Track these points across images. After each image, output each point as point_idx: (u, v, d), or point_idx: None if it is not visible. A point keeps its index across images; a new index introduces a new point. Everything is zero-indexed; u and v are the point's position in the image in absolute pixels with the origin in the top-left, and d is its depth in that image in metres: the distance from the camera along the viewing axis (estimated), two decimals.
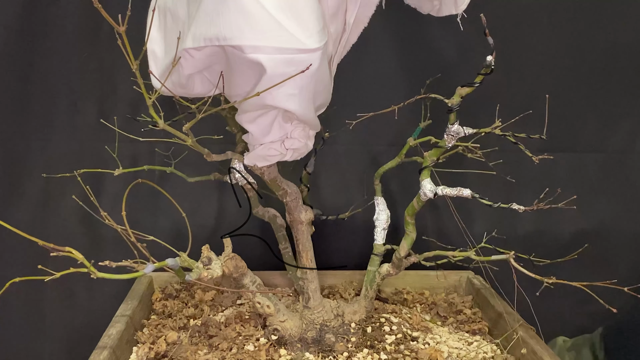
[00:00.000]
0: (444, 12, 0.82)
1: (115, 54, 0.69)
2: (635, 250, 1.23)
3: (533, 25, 1.17)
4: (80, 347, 1.20)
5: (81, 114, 1.17)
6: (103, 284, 0.71)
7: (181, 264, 0.71)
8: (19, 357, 1.23)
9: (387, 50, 1.18)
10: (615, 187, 1.23)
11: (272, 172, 0.82)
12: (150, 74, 0.72)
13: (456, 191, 0.81)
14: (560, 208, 0.80)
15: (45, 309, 1.22)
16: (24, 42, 1.14)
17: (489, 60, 0.77)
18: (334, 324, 0.86)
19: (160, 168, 1.02)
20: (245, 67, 0.65)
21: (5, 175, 1.18)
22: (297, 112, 0.67)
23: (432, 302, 1.04)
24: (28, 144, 1.18)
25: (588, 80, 1.20)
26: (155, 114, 0.68)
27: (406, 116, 0.88)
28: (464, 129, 0.81)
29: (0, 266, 1.18)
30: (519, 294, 0.88)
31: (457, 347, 0.87)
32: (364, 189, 1.21)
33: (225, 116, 0.91)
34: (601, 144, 1.22)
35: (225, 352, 0.81)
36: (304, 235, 0.87)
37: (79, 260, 0.61)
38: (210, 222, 1.23)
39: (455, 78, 0.84)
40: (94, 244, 1.20)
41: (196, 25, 0.64)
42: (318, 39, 0.63)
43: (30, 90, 1.16)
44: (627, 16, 1.17)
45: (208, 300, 1.00)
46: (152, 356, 0.81)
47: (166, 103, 0.75)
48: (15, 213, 1.18)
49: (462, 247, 0.87)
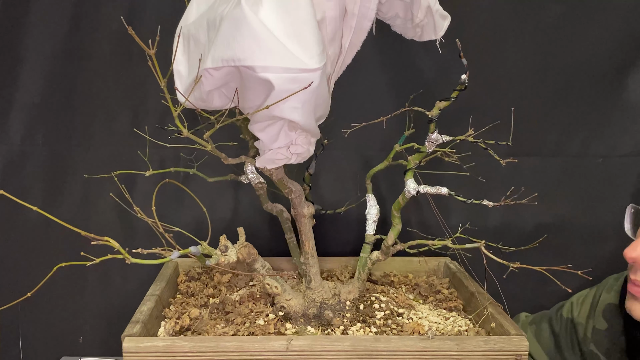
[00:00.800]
0: (425, 37, 0.82)
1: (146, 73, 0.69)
2: (587, 240, 1.23)
3: (501, 48, 1.17)
4: (116, 322, 1.19)
5: (117, 123, 1.17)
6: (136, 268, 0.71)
7: (202, 251, 0.71)
8: (65, 330, 1.23)
9: (377, 69, 1.18)
10: (571, 186, 1.23)
11: (279, 173, 0.82)
12: (176, 90, 0.72)
13: (435, 189, 0.81)
14: (523, 204, 0.80)
15: (87, 290, 1.23)
16: (70, 62, 1.14)
17: (463, 79, 0.77)
18: (331, 302, 0.86)
19: (184, 170, 1.02)
20: (256, 84, 0.65)
21: (52, 176, 1.19)
22: (301, 122, 0.67)
23: (415, 284, 1.04)
24: (72, 149, 1.18)
25: (548, 94, 1.20)
26: (180, 124, 0.68)
27: (393, 126, 0.88)
28: (442, 136, 0.81)
29: (49, 254, 1.19)
30: (489, 276, 0.88)
31: (436, 321, 0.87)
32: (357, 188, 1.21)
33: (239, 126, 0.91)
34: (560, 149, 1.22)
35: (240, 326, 0.81)
36: (306, 226, 0.87)
37: (116, 248, 0.62)
38: (227, 215, 1.23)
39: (434, 93, 0.85)
40: (128, 235, 1.20)
41: (215, 48, 0.64)
42: (318, 60, 0.63)
43: (74, 103, 1.16)
44: (583, 39, 1.17)
45: (225, 282, 1.00)
46: (178, 329, 0.81)
47: (189, 115, 0.75)
48: (60, 208, 1.19)
49: (440, 237, 0.87)
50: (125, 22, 0.64)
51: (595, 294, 0.98)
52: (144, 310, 0.82)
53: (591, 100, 1.20)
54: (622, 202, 1.08)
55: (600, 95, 1.20)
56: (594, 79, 1.19)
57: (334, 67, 0.75)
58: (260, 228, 1.22)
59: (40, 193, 1.18)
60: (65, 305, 1.22)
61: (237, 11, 0.62)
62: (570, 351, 0.99)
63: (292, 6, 0.63)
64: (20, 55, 1.13)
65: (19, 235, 1.19)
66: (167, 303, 0.93)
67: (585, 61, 1.18)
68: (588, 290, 1.01)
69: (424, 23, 0.80)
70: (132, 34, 0.59)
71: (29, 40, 1.13)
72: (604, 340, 0.92)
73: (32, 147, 1.17)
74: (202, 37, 0.69)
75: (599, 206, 1.23)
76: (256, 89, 0.66)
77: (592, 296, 0.99)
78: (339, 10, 0.68)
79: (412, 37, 0.84)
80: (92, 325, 1.23)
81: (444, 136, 0.81)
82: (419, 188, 0.82)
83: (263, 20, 0.61)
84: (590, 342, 0.94)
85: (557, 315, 1.04)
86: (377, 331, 0.82)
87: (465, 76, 0.77)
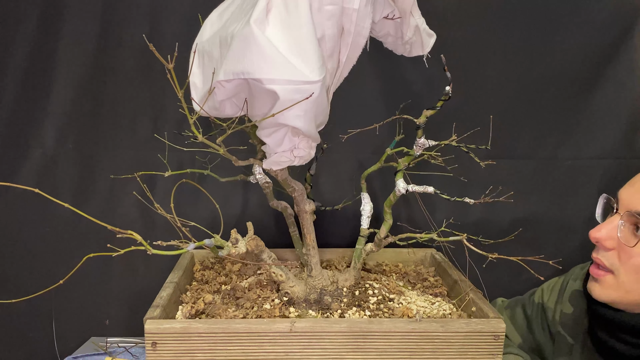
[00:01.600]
0: (414, 53, 0.82)
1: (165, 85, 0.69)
2: (557, 233, 1.23)
3: (480, 63, 1.17)
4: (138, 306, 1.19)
5: (139, 129, 1.17)
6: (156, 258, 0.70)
7: (215, 243, 0.71)
8: (93, 314, 1.23)
9: (371, 82, 1.18)
10: (543, 185, 1.23)
11: (283, 174, 0.82)
12: (192, 100, 0.72)
13: (422, 188, 0.81)
14: (501, 201, 0.80)
15: (112, 277, 1.22)
16: (98, 76, 1.14)
17: (447, 90, 0.77)
18: (330, 289, 0.86)
19: (199, 171, 1.01)
20: (263, 95, 0.65)
21: (82, 176, 1.18)
22: (303, 128, 0.67)
23: (405, 272, 1.04)
24: (99, 152, 1.18)
25: (522, 104, 1.20)
26: (196, 130, 0.68)
27: (385, 132, 0.88)
28: (429, 141, 0.81)
29: (79, 246, 1.18)
30: (470, 266, 0.88)
31: (423, 306, 0.87)
32: (353, 187, 1.20)
33: (248, 132, 0.91)
34: (533, 153, 1.22)
35: (248, 309, 0.81)
36: (307, 221, 0.87)
37: (138, 240, 0.62)
38: (237, 211, 1.22)
39: (422, 103, 0.85)
40: (149, 229, 1.20)
41: (226, 63, 0.64)
42: (318, 73, 0.63)
43: (101, 111, 1.16)
44: (553, 54, 1.17)
45: (235, 270, 1.00)
46: (193, 313, 0.81)
47: (204, 122, 0.75)
48: (89, 205, 1.18)
49: (427, 230, 0.87)
50: (147, 39, 0.64)
51: (563, 282, 0.98)
52: (164, 296, 0.82)
53: (560, 109, 1.20)
54: (588, 200, 1.09)
55: (568, 105, 1.20)
56: (563, 90, 1.19)
57: (332, 79, 0.75)
58: (266, 223, 1.22)
59: (70, 191, 1.18)
60: (93, 291, 1.21)
61: (246, 30, 0.62)
62: (541, 332, 0.99)
63: (295, 25, 0.63)
64: (54, 69, 1.13)
65: (52, 229, 1.19)
66: (184, 289, 0.93)
67: (555, 74, 1.18)
68: (557, 278, 1.01)
69: (413, 40, 0.80)
70: (153, 50, 0.59)
71: (61, 56, 1.12)
72: (570, 322, 0.92)
73: (64, 150, 1.17)
74: (215, 52, 0.69)
75: (568, 203, 1.23)
76: (263, 98, 0.66)
77: (561, 284, 0.99)
78: (337, 28, 0.68)
79: (402, 53, 0.84)
80: (117, 309, 1.23)
81: (430, 141, 0.81)
82: (408, 187, 0.82)
83: (269, 38, 0.61)
84: (558, 324, 0.94)
85: (530, 300, 1.04)
86: (370, 314, 0.82)
87: (449, 88, 0.78)
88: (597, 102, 1.19)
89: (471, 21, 1.15)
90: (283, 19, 0.63)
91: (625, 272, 0.76)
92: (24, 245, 1.19)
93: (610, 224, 0.77)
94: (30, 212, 1.18)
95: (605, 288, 0.79)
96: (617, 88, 1.18)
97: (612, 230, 0.77)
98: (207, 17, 0.75)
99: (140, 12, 1.11)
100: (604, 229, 0.78)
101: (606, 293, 0.79)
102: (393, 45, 0.82)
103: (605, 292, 0.79)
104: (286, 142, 0.72)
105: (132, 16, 1.11)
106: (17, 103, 1.14)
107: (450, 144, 0.81)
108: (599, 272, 0.79)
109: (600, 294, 0.79)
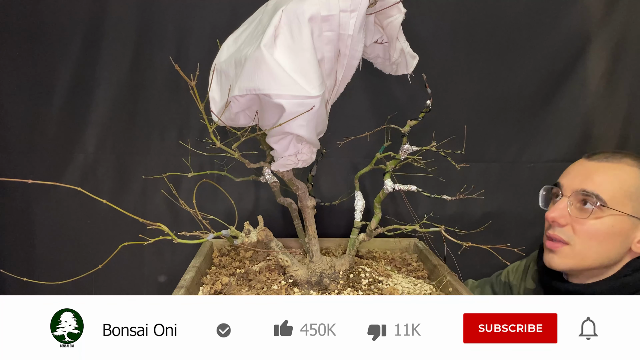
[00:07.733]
0: (400, 72, 0.82)
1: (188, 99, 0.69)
2: (520, 225, 1.23)
3: (455, 81, 1.17)
4: (166, 287, 1.20)
5: (167, 137, 1.17)
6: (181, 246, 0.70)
7: (231, 233, 0.71)
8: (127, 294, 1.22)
9: (363, 97, 1.18)
10: (509, 184, 1.23)
11: (289, 175, 0.82)
12: (211, 112, 0.72)
13: (407, 187, 0.81)
14: (473, 198, 0.80)
15: (144, 263, 1.22)
16: (132, 91, 1.14)
17: (428, 104, 0.77)
18: (328, 272, 0.86)
19: (217, 172, 1.01)
20: (272, 108, 0.65)
21: (118, 177, 1.18)
22: (305, 136, 0.67)
23: (392, 258, 1.04)
24: (133, 156, 1.18)
25: (491, 116, 1.20)
26: (214, 138, 0.68)
27: (375, 139, 0.88)
28: (412, 147, 0.81)
29: (115, 236, 1.18)
30: (447, 253, 0.88)
31: (408, 287, 0.87)
32: (347, 186, 1.21)
33: (259, 139, 0.91)
34: (499, 157, 1.22)
35: (259, 290, 0.80)
36: (309, 215, 0.87)
37: (166, 231, 0.62)
38: (250, 206, 1.22)
39: (406, 114, 0.85)
40: (175, 221, 1.19)
41: (241, 80, 0.64)
42: (319, 89, 0.63)
43: (134, 121, 1.16)
44: (516, 72, 1.17)
45: (248, 257, 1.00)
46: (212, 292, 0.81)
47: (221, 130, 0.75)
48: (124, 201, 1.18)
49: (411, 222, 0.87)
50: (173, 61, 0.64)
51: (525, 263, 0.99)
52: (187, 278, 0.82)
53: (523, 120, 1.20)
54: None
55: (529, 116, 1.20)
56: (525, 104, 1.19)
57: (330, 94, 0.75)
58: (275, 216, 1.22)
59: (108, 190, 1.18)
60: (127, 274, 1.21)
61: (257, 53, 0.62)
62: None
63: (299, 49, 0.63)
64: (94, 86, 1.13)
65: (93, 222, 1.19)
66: (204, 273, 0.92)
67: (518, 90, 1.18)
68: (520, 261, 1.02)
69: (399, 61, 0.79)
70: (178, 69, 0.59)
71: (100, 74, 1.12)
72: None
73: (103, 154, 1.17)
74: (231, 72, 0.69)
75: (530, 200, 1.20)
76: (272, 111, 0.66)
77: (524, 265, 0.99)
78: (334, 52, 0.68)
79: (389, 72, 0.83)
80: (147, 289, 1.23)
81: (413, 147, 0.81)
82: (394, 186, 0.82)
83: (277, 59, 0.61)
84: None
85: (497, 280, 1.04)
86: (363, 294, 0.81)
87: (429, 101, 0.78)
88: (554, 114, 1.20)
89: (447, 45, 1.15)
90: (289, 44, 0.63)
91: (580, 241, 0.77)
92: (69, 235, 1.19)
93: (561, 204, 0.80)
94: (74, 207, 1.18)
95: (562, 257, 0.79)
96: (570, 102, 1.19)
97: (563, 209, 0.79)
98: (224, 41, 0.75)
99: (168, 37, 1.11)
100: (557, 210, 0.80)
101: (564, 262, 0.79)
102: (382, 65, 0.82)
103: (564, 261, 0.79)
104: (291, 147, 0.71)
105: (161, 41, 1.11)
106: (63, 115, 1.14)
107: (430, 149, 0.81)
108: (555, 244, 0.80)
109: (560, 263, 0.80)
